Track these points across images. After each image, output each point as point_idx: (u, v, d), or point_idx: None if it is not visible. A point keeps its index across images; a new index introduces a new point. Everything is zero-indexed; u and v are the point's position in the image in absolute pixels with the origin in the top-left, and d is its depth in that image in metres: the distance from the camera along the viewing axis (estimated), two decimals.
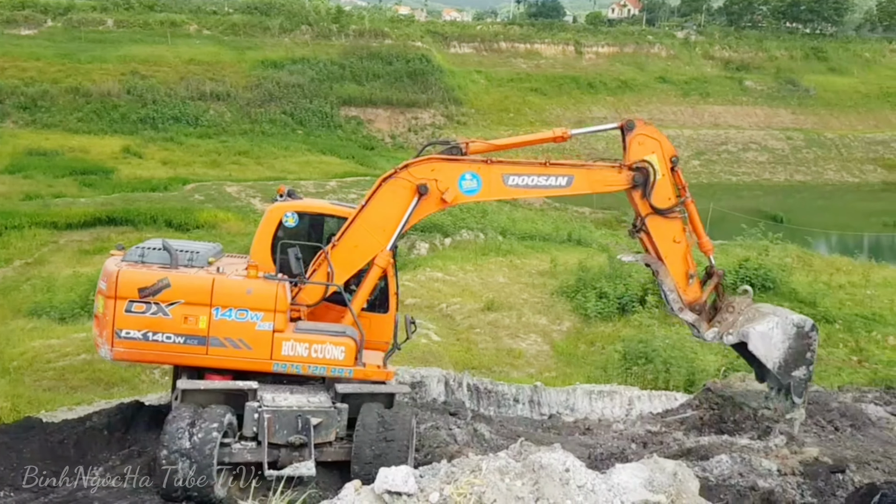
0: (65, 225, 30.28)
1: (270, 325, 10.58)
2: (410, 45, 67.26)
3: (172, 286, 10.39)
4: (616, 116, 66.15)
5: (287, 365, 10.70)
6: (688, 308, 11.98)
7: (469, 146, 11.64)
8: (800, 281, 24.47)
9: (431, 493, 6.93)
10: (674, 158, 11.76)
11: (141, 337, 10.39)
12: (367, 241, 11.27)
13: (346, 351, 10.81)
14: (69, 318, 20.21)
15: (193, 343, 10.47)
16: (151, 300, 10.34)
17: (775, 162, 64.82)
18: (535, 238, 31.99)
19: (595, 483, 7.30)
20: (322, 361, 10.77)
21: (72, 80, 55.13)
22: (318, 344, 10.73)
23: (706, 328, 12.13)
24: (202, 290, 10.48)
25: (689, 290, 11.95)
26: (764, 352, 12.08)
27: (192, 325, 10.43)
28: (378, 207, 11.26)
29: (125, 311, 10.33)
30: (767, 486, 10.81)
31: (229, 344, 10.53)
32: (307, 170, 46.01)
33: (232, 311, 10.48)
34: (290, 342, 10.66)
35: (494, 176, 11.31)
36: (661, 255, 11.91)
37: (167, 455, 9.77)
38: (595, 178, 11.62)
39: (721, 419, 13.98)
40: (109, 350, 10.46)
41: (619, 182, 11.65)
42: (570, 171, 11.50)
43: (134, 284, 10.35)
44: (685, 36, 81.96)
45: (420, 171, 11.22)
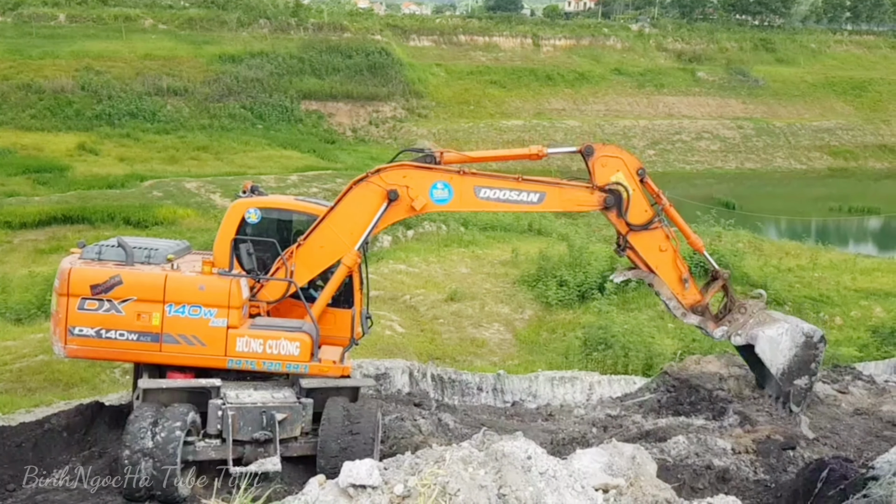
0: (19, 224, 29.81)
1: (224, 322, 10.52)
2: (370, 39, 67.02)
3: (125, 283, 10.34)
4: (574, 108, 66.60)
5: (242, 361, 10.64)
6: (690, 311, 12.08)
7: (443, 156, 11.59)
8: (751, 265, 24.94)
9: (396, 486, 6.96)
10: (640, 171, 11.77)
11: (94, 334, 10.35)
12: (334, 243, 11.23)
13: (302, 346, 10.73)
14: (25, 318, 19.88)
15: (147, 340, 10.42)
16: (104, 297, 10.28)
17: (727, 150, 65.79)
18: (496, 229, 32.20)
19: (556, 469, 7.40)
20: (277, 357, 10.69)
21: (23, 76, 54.08)
22: (272, 340, 10.67)
23: (713, 327, 12.24)
24: (154, 287, 10.42)
25: (686, 294, 12.04)
26: (770, 356, 12.32)
27: (145, 322, 10.38)
28: (347, 210, 11.23)
29: (78, 309, 10.29)
30: (722, 465, 11.07)
31: (183, 341, 10.47)
32: (268, 164, 45.68)
33: (185, 308, 10.43)
34: (245, 338, 10.59)
35: (466, 187, 11.26)
36: (651, 266, 11.96)
37: (129, 455, 9.72)
38: (567, 196, 11.58)
39: (678, 401, 14.23)
40: (63, 347, 10.42)
41: (591, 203, 11.66)
42: (543, 189, 11.46)
43: (86, 281, 10.30)
44: (639, 29, 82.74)
45: (392, 177, 11.17)
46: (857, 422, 13.16)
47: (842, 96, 76.37)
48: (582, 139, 60.70)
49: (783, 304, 22.19)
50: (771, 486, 10.82)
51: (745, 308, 12.61)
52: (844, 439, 12.26)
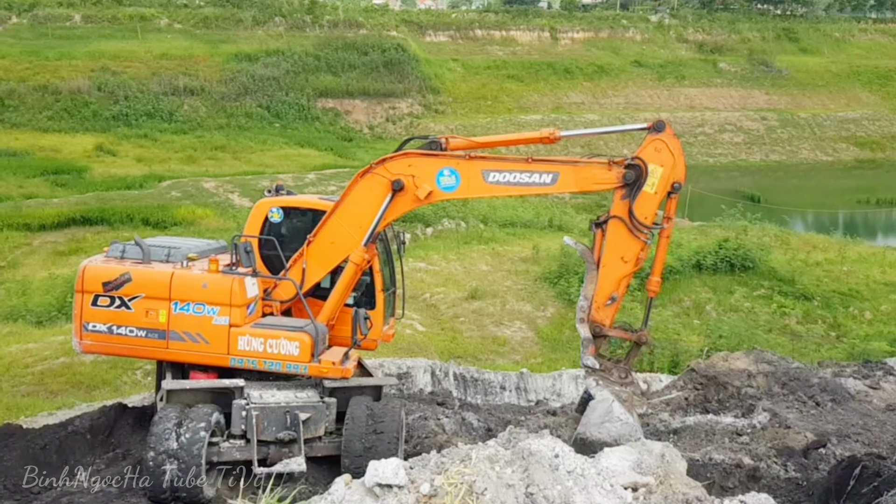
0: (38, 226, 29.79)
1: (227, 320, 10.54)
2: (386, 35, 66.85)
3: (134, 280, 10.49)
4: (593, 102, 66.18)
5: (244, 360, 10.62)
6: (588, 323, 11.11)
7: (449, 142, 11.26)
8: (778, 259, 24.68)
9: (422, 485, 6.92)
10: (677, 184, 10.93)
11: (106, 330, 10.56)
12: (344, 238, 11.09)
13: (301, 347, 10.63)
14: (46, 321, 19.92)
15: (154, 337, 10.55)
16: (115, 294, 10.46)
17: (751, 142, 65.15)
18: (516, 225, 32.01)
19: (584, 468, 7.33)
20: (277, 357, 10.63)
21: (40, 77, 54.16)
22: (272, 339, 10.63)
23: (591, 352, 11.16)
24: (161, 285, 10.54)
25: (602, 309, 11.04)
26: (591, 418, 11.00)
27: (152, 319, 10.51)
28: (354, 203, 11.10)
29: (91, 305, 10.55)
30: (752, 463, 10.93)
31: (188, 338, 10.56)
32: (285, 163, 45.64)
33: (190, 306, 10.51)
34: (246, 337, 10.58)
35: (474, 172, 10.82)
36: (602, 262, 11.03)
37: (154, 456, 9.72)
38: (583, 175, 10.87)
39: (705, 399, 14.12)
40: (79, 343, 10.72)
41: (609, 180, 10.85)
42: (556, 168, 10.82)
43: (98, 279, 10.53)
44: (659, 20, 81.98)
45: (396, 167, 10.94)
46: (889, 418, 13.01)
47: (867, 86, 75.42)
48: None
49: (811, 299, 21.97)
50: (802, 484, 10.70)
51: (628, 374, 11.53)
52: (876, 436, 12.10)
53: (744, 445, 11.78)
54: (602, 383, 11.08)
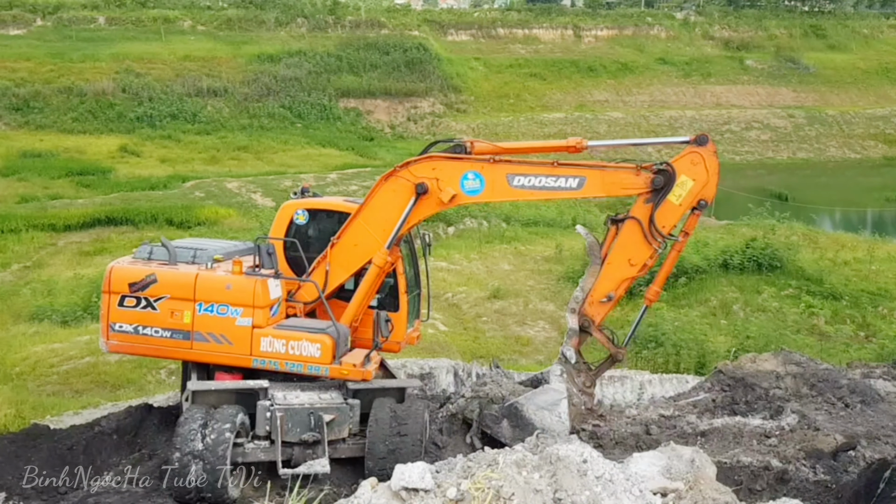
0: (63, 227, 30.01)
1: (249, 321, 10.59)
2: (407, 34, 66.86)
3: (159, 281, 10.57)
4: (618, 100, 65.81)
5: (266, 361, 10.67)
6: (579, 315, 11.22)
7: (474, 146, 11.19)
8: (806, 259, 24.37)
9: (449, 489, 6.89)
10: (703, 202, 10.84)
11: (132, 330, 10.67)
12: (367, 240, 11.12)
13: (322, 348, 10.65)
14: (71, 321, 20.02)
15: (179, 337, 10.63)
16: (140, 295, 10.55)
17: (778, 140, 64.48)
18: (539, 224, 31.85)
19: (613, 473, 7.27)
20: (298, 358, 10.67)
21: (64, 79, 54.63)
22: (294, 341, 10.67)
23: (573, 343, 11.37)
24: (186, 286, 10.61)
25: (595, 305, 11.20)
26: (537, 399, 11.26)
27: (177, 320, 10.59)
28: (378, 206, 11.13)
29: (118, 306, 10.66)
30: (780, 466, 10.80)
31: (212, 339, 10.62)
32: (307, 163, 45.78)
33: (214, 307, 10.58)
34: (269, 338, 10.64)
35: (498, 176, 10.81)
36: (608, 259, 11.12)
37: (180, 457, 9.77)
38: (610, 180, 10.79)
39: (733, 400, 13.95)
40: (105, 343, 10.85)
41: (637, 185, 10.81)
42: (583, 173, 10.76)
43: (124, 280, 10.63)
44: (684, 17, 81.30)
45: (421, 170, 10.94)
46: None
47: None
48: (626, 131, 60.06)
49: (840, 299, 21.68)
50: (832, 487, 10.55)
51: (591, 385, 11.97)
52: None
53: (772, 448, 11.62)
54: (566, 378, 11.27)
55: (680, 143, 11.17)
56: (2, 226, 29.25)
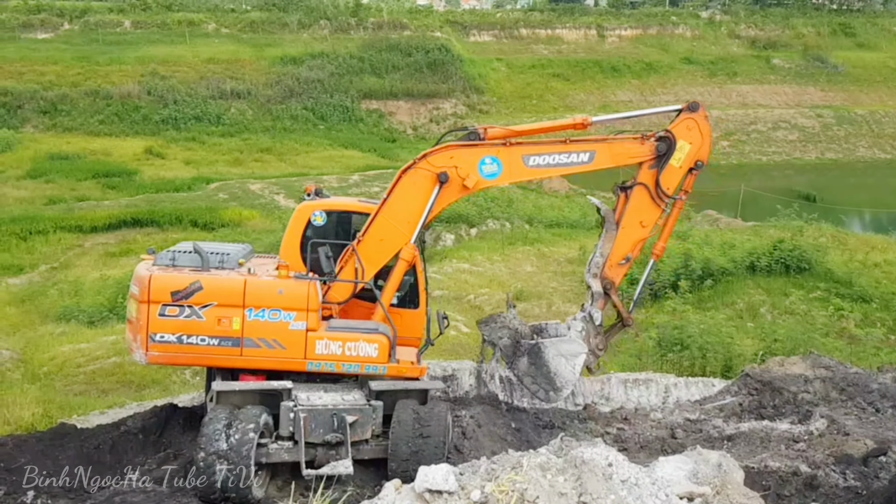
0: (90, 228, 30.29)
1: (304, 325, 10.59)
2: (430, 36, 66.85)
3: (205, 288, 10.37)
4: (642, 100, 65.44)
5: (321, 364, 10.71)
6: (601, 279, 12.01)
7: (487, 132, 11.56)
8: (835, 260, 24.05)
9: (472, 491, 6.86)
10: (700, 163, 11.77)
11: (175, 340, 10.39)
12: (392, 235, 11.27)
13: (380, 348, 10.83)
14: (98, 321, 20.19)
15: (228, 344, 10.46)
16: (184, 303, 10.32)
17: (806, 140, 63.80)
18: (562, 225, 31.71)
19: (639, 477, 7.20)
20: (356, 359, 10.78)
21: (91, 82, 55.16)
22: (351, 342, 10.75)
23: (600, 305, 12.24)
24: (235, 292, 10.47)
25: (615, 268, 12.00)
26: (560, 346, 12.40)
27: (225, 327, 10.42)
28: (401, 199, 11.28)
29: (159, 315, 10.33)
30: (809, 471, 10.65)
31: (263, 344, 10.52)
32: (330, 164, 45.92)
33: (265, 312, 10.48)
34: (324, 341, 10.68)
35: (514, 158, 11.32)
36: (622, 223, 11.91)
37: (204, 457, 9.78)
38: (617, 150, 11.57)
39: (761, 405, 13.85)
40: (144, 354, 10.47)
41: (643, 153, 11.63)
42: (592, 147, 11.47)
43: (167, 288, 10.33)
44: (710, 16, 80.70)
45: (439, 160, 11.22)
46: None
47: None
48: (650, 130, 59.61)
49: (870, 302, 21.38)
50: (862, 493, 10.37)
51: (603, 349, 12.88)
52: None
53: (801, 453, 11.49)
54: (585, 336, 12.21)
55: (674, 111, 11.99)
56: (30, 227, 29.57)
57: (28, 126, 51.11)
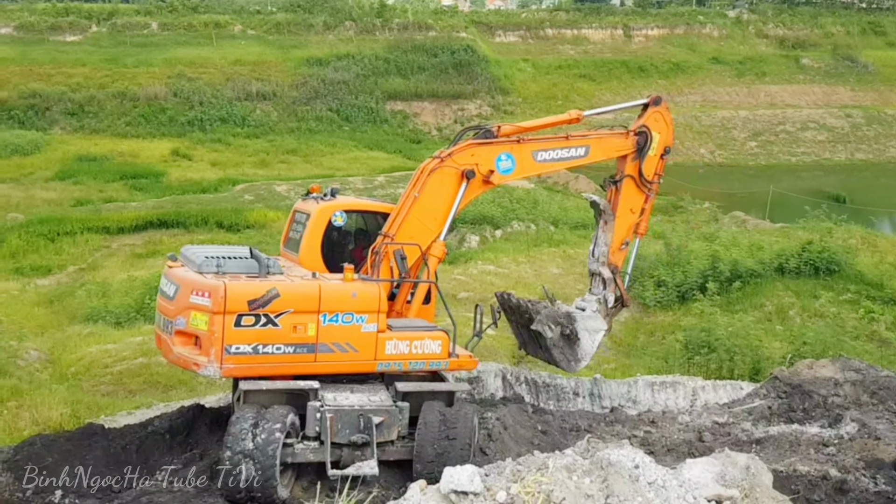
0: (117, 229, 30.50)
1: (375, 327, 10.70)
2: (455, 37, 66.83)
3: (282, 296, 10.24)
4: (669, 99, 64.84)
5: (390, 364, 10.92)
6: (609, 265, 12.91)
7: (500, 129, 12.14)
8: (865, 263, 23.74)
9: (498, 493, 6.83)
10: (668, 149, 12.95)
11: (251, 350, 10.20)
12: (422, 233, 11.46)
13: (443, 344, 11.13)
14: (125, 322, 20.28)
15: (303, 351, 10.44)
16: (261, 312, 10.14)
17: (835, 141, 63.11)
18: (588, 227, 31.45)
19: (666, 479, 7.13)
20: (422, 357, 11.03)
21: (118, 84, 55.65)
22: (417, 340, 10.99)
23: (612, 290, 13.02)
24: (311, 298, 10.42)
25: (617, 253, 12.97)
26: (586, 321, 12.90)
27: (301, 334, 10.37)
28: (430, 197, 11.50)
29: (234, 326, 10.08)
30: (839, 476, 10.53)
31: (337, 349, 10.58)
32: (355, 166, 46.02)
33: (339, 316, 10.51)
34: (393, 341, 10.84)
35: (526, 153, 11.93)
36: (617, 213, 12.85)
37: (231, 456, 9.79)
38: (607, 145, 12.57)
39: (790, 408, 13.71)
40: (219, 368, 10.14)
41: (627, 146, 12.59)
42: (587, 142, 12.38)
43: (243, 297, 10.09)
44: (737, 15, 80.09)
45: (462, 158, 11.62)
46: None
47: None
48: (677, 132, 59.01)
49: None
50: (893, 499, 10.28)
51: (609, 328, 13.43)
52: None
53: (830, 457, 11.36)
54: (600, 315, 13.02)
55: (641, 104, 13.17)
56: (58, 228, 29.85)
57: (56, 128, 51.67)
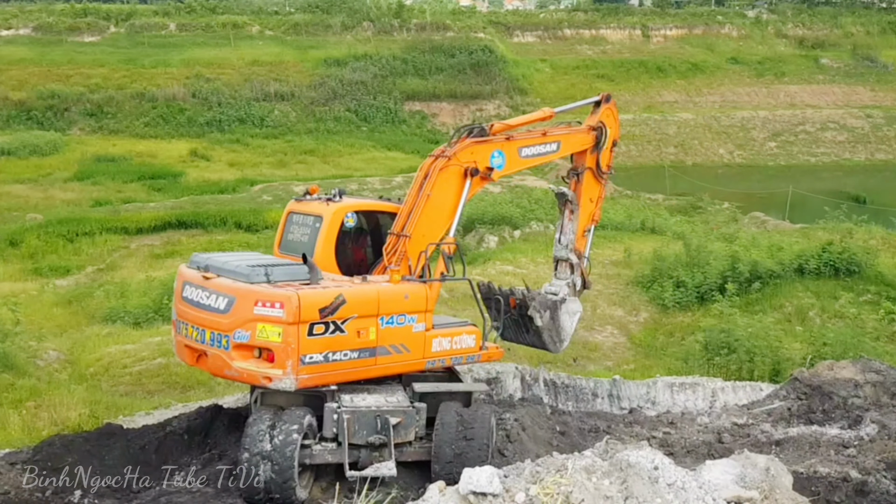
0: (135, 230, 30.63)
1: (424, 326, 10.91)
2: (473, 37, 66.78)
3: (348, 302, 10.19)
4: (687, 100, 64.82)
5: (435, 361, 11.18)
6: (575, 252, 13.68)
7: (493, 127, 12.59)
8: (886, 263, 23.44)
9: (517, 494, 6.81)
10: (616, 142, 13.92)
11: (322, 359, 10.13)
12: (433, 230, 11.62)
13: (476, 338, 11.58)
14: (143, 322, 20.28)
15: (365, 356, 10.47)
16: (330, 319, 10.11)
17: (855, 141, 62.55)
18: (607, 227, 31.28)
19: (685, 481, 7.10)
20: (460, 352, 11.37)
21: (137, 85, 55.96)
22: (457, 336, 11.32)
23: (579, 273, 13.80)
24: (371, 302, 10.47)
25: (581, 239, 13.81)
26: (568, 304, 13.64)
27: (364, 339, 10.41)
28: (439, 195, 11.65)
29: (308, 335, 9.97)
30: (860, 477, 10.45)
31: (394, 350, 10.69)
32: (373, 166, 46.09)
33: (394, 318, 10.64)
34: (438, 338, 11.10)
35: (514, 150, 12.46)
36: (580, 203, 13.70)
37: (248, 458, 9.82)
38: (573, 140, 13.32)
39: (810, 409, 13.63)
40: (295, 380, 9.95)
41: (588, 141, 13.44)
42: (559, 138, 13.09)
43: (315, 306, 9.98)
44: (756, 15, 79.60)
45: (464, 156, 11.91)
46: None
47: None
48: (696, 132, 59.11)
49: None
50: None
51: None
52: None
53: (851, 458, 11.28)
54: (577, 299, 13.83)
55: (594, 101, 13.92)
56: (77, 229, 30.01)
57: (75, 128, 52.06)
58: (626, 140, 57.35)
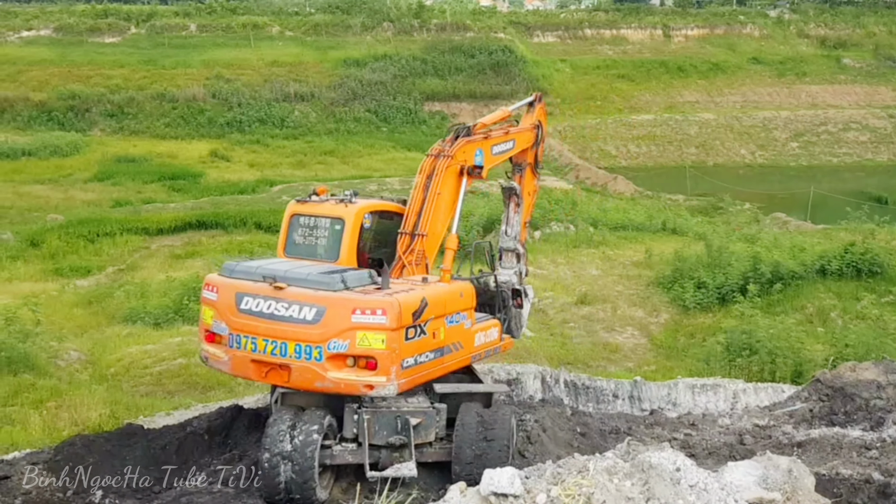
0: (156, 230, 30.75)
1: (471, 323, 11.19)
2: (493, 37, 66.72)
3: (430, 304, 10.25)
4: (708, 100, 64.49)
5: (476, 356, 11.46)
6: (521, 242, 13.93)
7: (475, 126, 12.82)
8: None
9: (538, 495, 6.79)
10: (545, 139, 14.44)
11: (413, 362, 10.14)
12: (441, 227, 11.75)
13: (499, 331, 11.93)
14: (164, 322, 20.27)
15: (438, 356, 10.58)
16: (418, 322, 10.13)
17: (877, 141, 61.99)
18: (627, 228, 31.23)
19: (707, 482, 7.06)
20: (489, 344, 11.67)
21: (157, 86, 56.28)
22: (489, 330, 11.65)
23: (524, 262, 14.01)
24: (442, 303, 10.60)
25: (524, 231, 14.21)
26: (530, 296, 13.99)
27: (438, 339, 10.53)
28: (445, 193, 11.78)
29: (405, 340, 9.98)
30: (882, 479, 10.39)
31: (454, 348, 10.87)
32: (392, 167, 46.12)
33: (454, 317, 10.84)
34: (479, 334, 11.37)
35: (489, 149, 12.67)
36: (523, 197, 14.01)
37: (269, 458, 9.84)
38: (524, 138, 13.67)
39: (832, 411, 13.52)
40: (397, 384, 9.89)
41: (532, 139, 13.83)
42: (515, 136, 13.43)
43: (409, 310, 9.97)
44: (778, 15, 79.13)
45: (460, 154, 12.06)
46: None
47: None
48: (717, 132, 58.81)
49: None
50: None
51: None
52: None
53: (873, 460, 11.20)
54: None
55: (530, 101, 14.37)
56: (97, 229, 30.15)
57: (95, 129, 52.45)
58: (647, 140, 57.41)
